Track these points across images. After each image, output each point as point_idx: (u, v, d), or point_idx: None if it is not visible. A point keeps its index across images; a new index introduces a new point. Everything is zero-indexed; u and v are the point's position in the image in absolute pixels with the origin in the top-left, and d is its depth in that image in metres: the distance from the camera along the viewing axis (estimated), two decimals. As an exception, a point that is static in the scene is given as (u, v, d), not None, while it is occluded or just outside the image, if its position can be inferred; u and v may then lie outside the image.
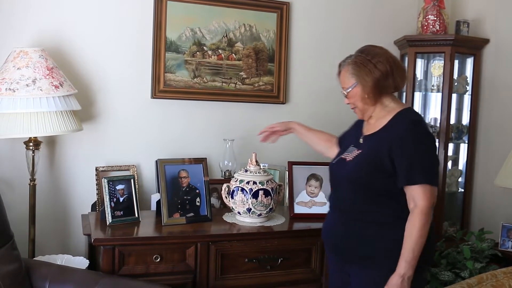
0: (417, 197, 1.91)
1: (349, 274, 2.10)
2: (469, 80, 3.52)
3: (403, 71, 2.10)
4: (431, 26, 3.37)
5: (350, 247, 2.06)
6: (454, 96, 3.44)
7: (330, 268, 2.30)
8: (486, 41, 3.48)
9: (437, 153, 2.06)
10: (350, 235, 2.06)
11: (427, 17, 3.39)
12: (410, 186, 1.93)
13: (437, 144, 2.14)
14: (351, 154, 2.11)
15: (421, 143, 1.95)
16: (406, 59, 3.42)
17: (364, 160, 2.04)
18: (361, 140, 2.13)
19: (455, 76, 3.46)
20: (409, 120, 2.00)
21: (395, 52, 3.54)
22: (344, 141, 2.29)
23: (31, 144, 2.62)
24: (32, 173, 2.64)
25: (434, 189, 1.94)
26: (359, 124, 2.24)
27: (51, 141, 2.83)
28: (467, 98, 3.57)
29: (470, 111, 3.52)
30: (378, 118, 2.09)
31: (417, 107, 3.54)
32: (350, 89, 2.08)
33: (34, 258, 2.57)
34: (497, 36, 3.46)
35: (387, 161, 1.96)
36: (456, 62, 3.47)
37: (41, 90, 2.45)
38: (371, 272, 2.00)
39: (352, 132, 2.27)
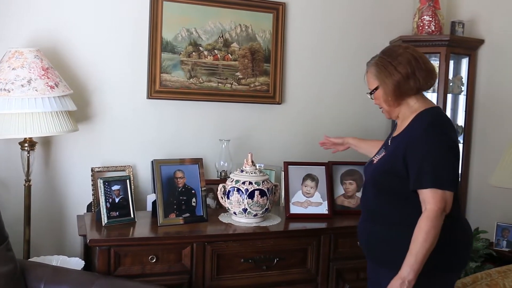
0: (427, 201, 1.88)
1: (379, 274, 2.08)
2: (464, 80, 3.54)
3: (427, 71, 2.01)
4: (426, 27, 3.38)
5: (374, 247, 2.07)
6: (449, 96, 3.46)
7: (367, 267, 2.25)
8: (481, 42, 3.50)
9: (457, 156, 1.96)
10: (373, 236, 2.07)
11: (422, 18, 3.40)
12: (421, 190, 1.90)
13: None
14: (379, 156, 2.12)
15: (434, 145, 1.90)
16: (402, 59, 3.43)
17: (384, 162, 2.04)
18: (389, 142, 2.13)
19: (450, 76, 3.48)
20: (427, 121, 1.96)
21: (391, 52, 3.55)
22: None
23: (26, 144, 2.61)
24: (27, 173, 2.63)
25: (446, 193, 1.87)
26: (393, 127, 2.24)
27: (47, 141, 2.83)
28: (462, 98, 3.58)
29: (465, 111, 3.53)
30: (403, 119, 2.07)
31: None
32: (373, 91, 2.08)
33: (29, 259, 2.57)
34: (491, 36, 3.47)
35: (401, 164, 1.95)
36: (451, 63, 3.48)
37: (36, 90, 2.44)
38: (393, 274, 1.92)
39: (390, 133, 2.26)
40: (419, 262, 1.85)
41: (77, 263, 2.58)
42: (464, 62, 3.57)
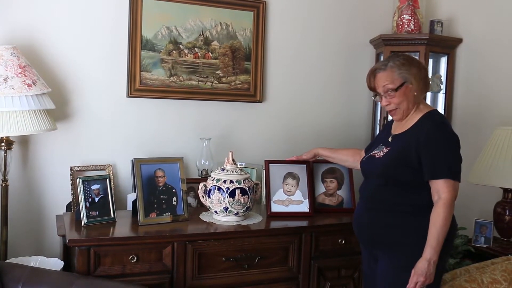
0: (441, 190, 2.10)
1: (377, 259, 2.31)
2: (443, 78, 3.57)
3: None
4: (406, 26, 3.41)
5: (376, 232, 2.27)
6: (428, 94, 3.49)
7: (362, 259, 2.48)
8: (459, 41, 3.54)
9: (459, 152, 2.23)
10: (376, 222, 2.27)
11: (402, 17, 3.42)
12: (435, 180, 2.12)
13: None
14: (380, 151, 2.31)
15: (447, 142, 2.15)
16: (382, 58, 3.46)
17: (393, 156, 2.24)
18: (390, 139, 2.33)
19: (430, 74, 3.51)
20: (437, 121, 2.20)
21: (371, 51, 3.58)
22: (373, 146, 2.48)
23: (3, 144, 2.57)
24: (4, 173, 2.59)
25: (457, 183, 2.13)
26: (387, 127, 2.46)
27: (24, 140, 2.78)
28: (441, 97, 3.61)
29: (444, 109, 3.56)
30: (408, 119, 2.28)
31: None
32: (399, 88, 2.22)
33: (6, 260, 2.53)
34: (469, 35, 3.51)
35: (414, 157, 2.16)
36: (431, 61, 3.51)
37: (13, 88, 2.40)
38: (394, 257, 2.21)
39: (381, 135, 2.50)
40: (440, 244, 2.07)
41: (56, 264, 2.55)
42: (443, 61, 3.61)
